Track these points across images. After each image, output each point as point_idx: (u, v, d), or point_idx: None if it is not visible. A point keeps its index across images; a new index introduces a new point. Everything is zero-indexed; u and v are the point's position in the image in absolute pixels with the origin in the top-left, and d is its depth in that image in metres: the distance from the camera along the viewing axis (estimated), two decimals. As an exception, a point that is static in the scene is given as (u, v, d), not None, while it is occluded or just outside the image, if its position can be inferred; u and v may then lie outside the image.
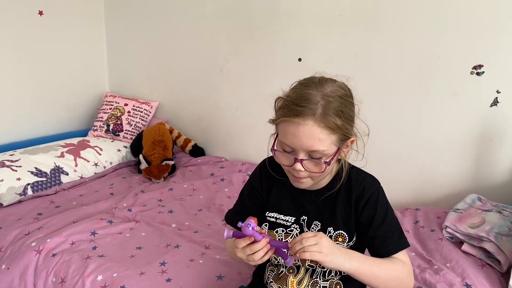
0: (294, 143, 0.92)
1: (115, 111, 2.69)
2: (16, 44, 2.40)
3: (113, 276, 1.39)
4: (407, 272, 0.99)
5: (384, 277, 0.95)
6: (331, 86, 0.94)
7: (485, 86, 1.75)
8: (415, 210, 1.84)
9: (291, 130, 0.92)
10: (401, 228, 1.03)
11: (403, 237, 1.02)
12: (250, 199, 1.14)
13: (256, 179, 1.14)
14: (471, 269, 1.42)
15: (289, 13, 2.15)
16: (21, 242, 1.60)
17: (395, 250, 0.99)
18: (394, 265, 0.98)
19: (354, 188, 1.02)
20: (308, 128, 0.90)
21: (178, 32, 2.58)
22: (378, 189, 1.03)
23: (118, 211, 1.86)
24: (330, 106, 0.90)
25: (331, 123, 0.90)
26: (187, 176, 2.33)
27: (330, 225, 1.02)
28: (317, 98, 0.91)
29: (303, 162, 0.94)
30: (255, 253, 0.90)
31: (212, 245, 1.60)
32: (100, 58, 2.92)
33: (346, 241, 1.02)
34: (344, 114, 0.92)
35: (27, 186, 1.98)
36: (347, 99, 0.95)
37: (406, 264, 1.00)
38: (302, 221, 1.05)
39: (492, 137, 1.78)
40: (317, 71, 1.02)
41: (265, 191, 1.12)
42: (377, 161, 2.00)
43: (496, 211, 1.63)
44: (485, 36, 1.71)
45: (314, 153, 0.93)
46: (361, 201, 1.01)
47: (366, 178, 1.05)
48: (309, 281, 1.04)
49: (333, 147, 0.94)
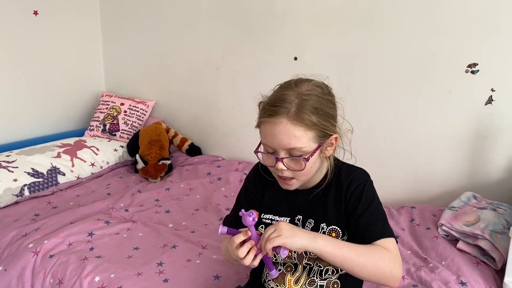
0: (273, 143, 0.96)
1: (111, 110, 2.68)
2: (11, 45, 2.39)
3: (110, 277, 1.39)
4: (388, 259, 0.94)
5: (358, 260, 0.92)
6: (306, 85, 0.98)
7: (479, 84, 1.76)
8: (410, 208, 1.85)
9: (268, 130, 0.96)
10: (386, 219, 1.02)
11: (388, 227, 1.00)
12: (247, 202, 1.15)
13: (250, 182, 1.16)
14: (466, 266, 1.43)
15: (285, 12, 2.15)
16: (18, 244, 1.59)
17: (378, 236, 0.97)
18: (370, 250, 0.95)
19: (344, 181, 1.04)
20: (283, 126, 0.93)
21: (174, 31, 2.57)
22: (366, 180, 1.04)
23: (115, 211, 1.87)
24: (304, 104, 0.94)
25: (306, 120, 0.93)
26: (184, 176, 2.33)
27: (323, 221, 1.04)
28: (292, 97, 0.95)
29: (284, 161, 0.96)
30: (245, 256, 0.93)
31: (209, 245, 1.60)
32: (96, 57, 2.92)
33: (339, 235, 1.02)
34: (320, 110, 0.95)
35: (23, 187, 1.98)
36: (324, 96, 0.98)
37: (389, 251, 0.95)
38: (297, 220, 1.07)
39: (486, 135, 1.79)
40: (313, 70, 1.05)
41: (259, 193, 1.14)
42: (372, 159, 2.02)
43: (491, 209, 1.64)
44: (480, 35, 1.72)
45: (293, 150, 0.95)
46: (349, 190, 1.02)
47: (356, 171, 1.06)
48: (306, 279, 1.05)
49: (312, 144, 0.96)
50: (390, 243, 0.98)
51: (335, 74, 1.95)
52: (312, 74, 1.03)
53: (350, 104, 1.04)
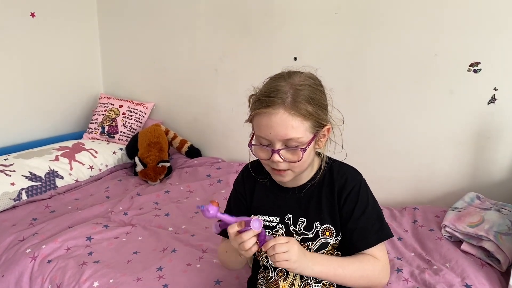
0: (269, 134, 0.94)
1: (110, 112, 2.66)
2: (8, 47, 2.37)
3: (109, 282, 1.37)
4: (379, 269, 0.99)
5: (350, 277, 0.97)
6: (299, 76, 0.98)
7: (482, 83, 1.74)
8: (413, 209, 1.83)
9: (264, 122, 0.94)
10: (383, 219, 1.04)
11: (384, 228, 1.02)
12: (236, 205, 1.15)
13: (239, 184, 1.16)
14: (471, 269, 1.41)
15: (284, 12, 2.13)
16: (16, 249, 1.57)
17: (374, 242, 1.00)
18: (362, 264, 0.98)
19: (336, 180, 1.03)
20: (280, 116, 0.92)
21: (172, 32, 2.55)
22: (360, 181, 1.04)
23: (114, 215, 1.84)
24: (299, 93, 0.93)
25: (302, 109, 0.93)
26: (183, 178, 2.31)
27: (316, 219, 1.03)
28: (286, 88, 0.94)
29: (280, 153, 0.95)
30: (245, 242, 0.92)
31: (210, 248, 1.58)
32: (94, 59, 2.89)
33: (333, 235, 1.02)
34: (315, 100, 0.95)
35: (21, 191, 1.96)
36: (316, 87, 0.98)
37: (379, 261, 1.00)
38: (287, 219, 1.05)
39: (489, 134, 1.77)
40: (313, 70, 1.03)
41: (248, 194, 1.13)
42: (373, 160, 2.01)
43: (495, 210, 1.62)
44: (482, 33, 1.70)
45: (290, 141, 0.94)
46: (344, 192, 1.02)
47: (349, 170, 1.06)
48: (300, 284, 1.04)
49: (308, 134, 0.95)
50: (380, 251, 1.01)
51: (335, 74, 1.93)
52: (302, 66, 1.03)
53: (350, 104, 1.04)
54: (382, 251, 1.02)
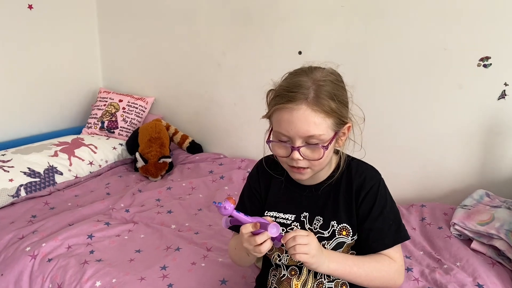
0: (290, 130, 0.91)
1: (109, 107, 2.61)
2: (4, 39, 2.31)
3: (112, 281, 1.33)
4: (394, 270, 0.98)
5: (366, 276, 0.96)
6: (320, 72, 0.95)
7: (492, 78, 1.70)
8: (420, 207, 1.80)
9: (285, 117, 0.91)
10: (400, 221, 1.02)
11: (402, 230, 1.01)
12: (250, 200, 1.12)
13: (253, 179, 1.12)
14: (482, 267, 1.38)
15: (288, 4, 2.08)
16: (15, 247, 1.53)
17: (391, 244, 0.98)
18: (378, 264, 0.97)
19: (355, 178, 1.01)
20: (302, 112, 0.89)
21: (173, 25, 2.50)
22: (379, 181, 1.01)
23: (115, 212, 1.80)
24: (322, 89, 0.90)
25: (325, 106, 0.90)
26: (185, 174, 2.27)
27: (333, 218, 1.00)
28: (308, 83, 0.91)
29: (301, 150, 0.92)
30: (262, 244, 0.88)
31: (214, 247, 1.54)
32: (93, 52, 2.84)
33: (350, 234, 1.00)
34: (338, 97, 0.92)
35: (20, 187, 1.91)
36: (338, 83, 0.96)
37: (395, 262, 0.98)
38: (303, 218, 1.03)
39: (499, 130, 1.74)
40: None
41: (263, 190, 1.10)
42: (380, 156, 1.95)
43: (505, 207, 1.59)
44: (493, 27, 1.66)
45: (311, 138, 0.91)
46: (362, 192, 0.99)
47: (368, 168, 1.03)
48: (313, 282, 1.01)
49: (330, 132, 0.92)
50: (397, 252, 0.99)
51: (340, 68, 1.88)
52: (323, 62, 1.00)
53: (356, 100, 1.00)
54: (398, 253, 1.00)
